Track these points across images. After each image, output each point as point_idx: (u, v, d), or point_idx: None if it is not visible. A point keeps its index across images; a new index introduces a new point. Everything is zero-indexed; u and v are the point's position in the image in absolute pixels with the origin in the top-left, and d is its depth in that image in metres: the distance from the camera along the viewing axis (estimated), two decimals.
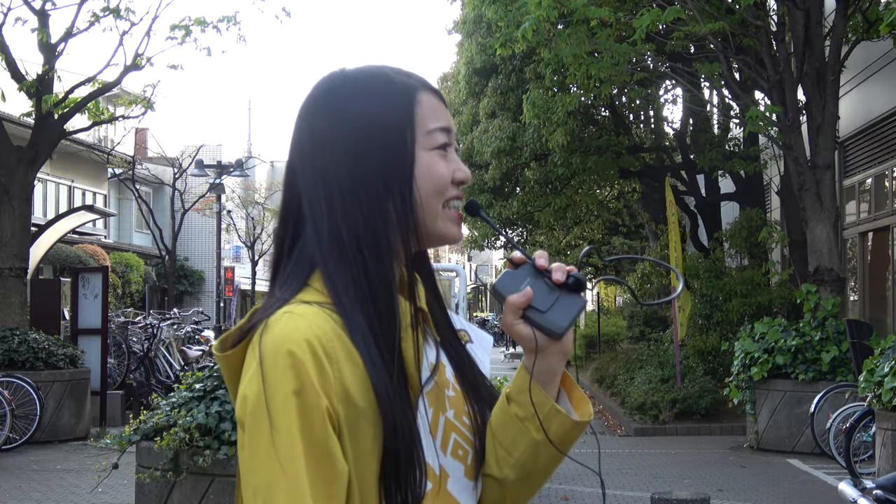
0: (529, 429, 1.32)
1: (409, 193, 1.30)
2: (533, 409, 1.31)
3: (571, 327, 1.30)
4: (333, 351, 1.20)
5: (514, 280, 1.30)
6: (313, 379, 1.17)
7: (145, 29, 13.37)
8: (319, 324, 1.21)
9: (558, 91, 15.50)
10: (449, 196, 1.33)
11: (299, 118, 1.36)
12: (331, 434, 1.17)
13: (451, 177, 1.34)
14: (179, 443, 5.19)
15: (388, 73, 1.36)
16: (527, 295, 1.28)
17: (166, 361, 15.84)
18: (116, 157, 25.45)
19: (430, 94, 1.36)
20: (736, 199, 18.44)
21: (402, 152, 1.31)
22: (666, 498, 5.69)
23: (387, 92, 1.33)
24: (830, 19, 12.31)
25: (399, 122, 1.32)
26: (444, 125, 1.35)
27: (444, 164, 1.34)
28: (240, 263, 38.40)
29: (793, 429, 11.40)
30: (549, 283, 1.29)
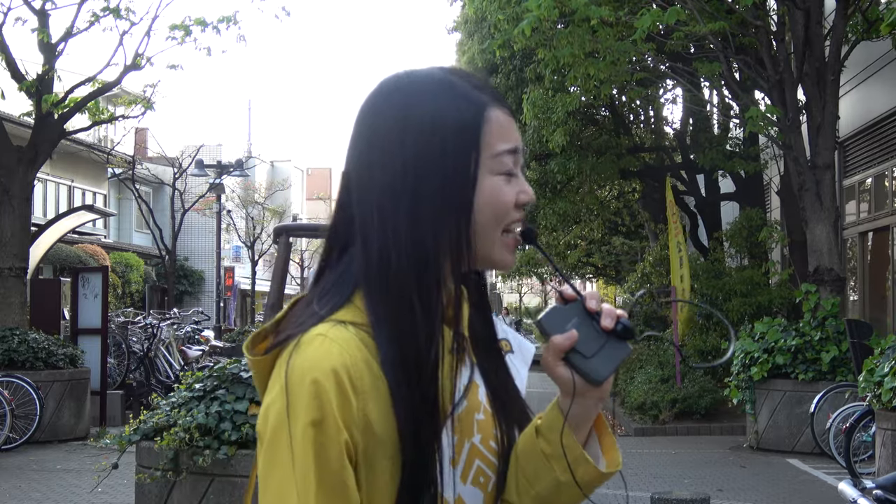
0: (555, 468, 1.26)
1: (468, 220, 1.23)
2: (561, 451, 1.25)
3: (613, 375, 1.25)
4: (361, 382, 1.17)
5: (561, 318, 1.24)
6: (335, 411, 1.15)
7: (145, 29, 13.39)
8: (350, 352, 1.18)
9: (558, 91, 15.51)
10: (509, 221, 1.27)
11: (360, 118, 1.28)
12: (346, 466, 1.16)
13: (514, 201, 1.27)
14: (179, 443, 5.19)
15: (458, 84, 1.27)
16: (571, 338, 1.21)
17: (166, 361, 15.84)
18: (116, 157, 25.45)
19: (500, 110, 1.27)
20: (736, 199, 18.44)
21: (464, 175, 1.23)
22: (666, 498, 5.69)
23: (455, 106, 1.25)
24: (830, 19, 12.31)
25: (464, 142, 1.23)
26: (512, 146, 1.27)
27: (508, 188, 1.26)
28: (240, 263, 38.40)
29: (793, 429, 11.40)
30: (596, 327, 1.23)
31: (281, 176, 41.46)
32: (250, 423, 5.16)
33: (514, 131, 1.29)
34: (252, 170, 35.14)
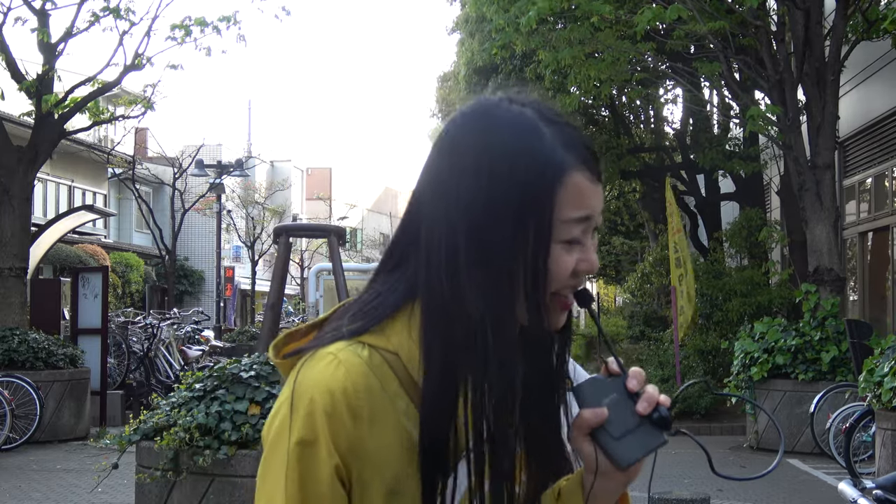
0: None
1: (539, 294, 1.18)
2: None
3: (641, 461, 1.18)
4: (359, 407, 1.16)
5: (598, 390, 1.19)
6: (327, 434, 1.15)
7: (145, 29, 13.39)
8: (355, 377, 1.17)
9: (558, 91, 15.51)
10: (562, 287, 1.20)
11: (443, 136, 1.23)
12: (336, 488, 1.16)
13: (572, 270, 1.19)
14: (179, 443, 5.19)
15: (546, 136, 1.19)
16: (600, 416, 1.16)
17: (166, 361, 15.85)
18: (116, 157, 25.45)
19: (582, 174, 1.19)
20: (736, 199, 18.45)
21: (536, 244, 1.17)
22: (666, 498, 5.68)
23: (535, 162, 1.17)
24: (830, 19, 12.31)
25: (538, 207, 1.17)
26: (584, 214, 1.19)
27: (568, 257, 1.18)
28: (240, 263, 38.40)
29: (793, 429, 11.40)
30: (632, 409, 1.17)
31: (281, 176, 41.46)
32: (250, 423, 5.16)
33: (590, 198, 1.20)
34: (252, 170, 35.14)
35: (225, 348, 18.83)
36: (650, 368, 15.22)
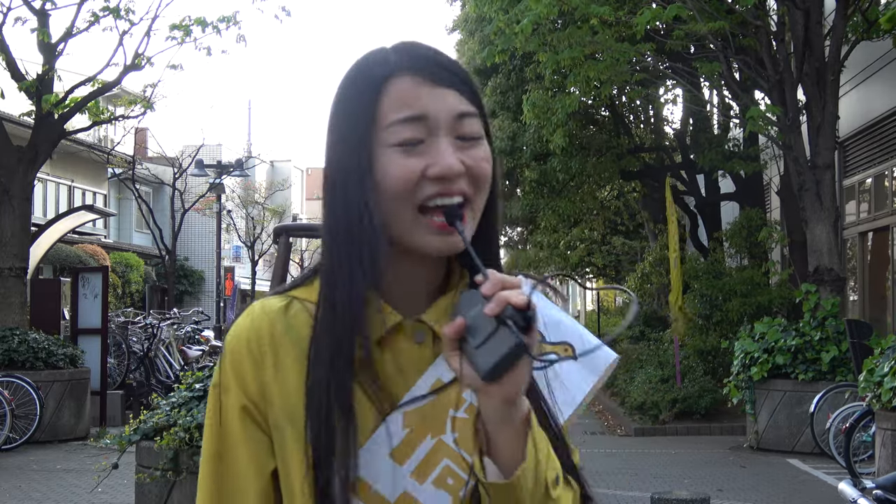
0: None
1: (368, 200, 1.19)
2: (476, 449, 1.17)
3: (504, 372, 1.08)
4: (261, 351, 1.22)
5: (468, 303, 1.12)
6: (231, 376, 1.24)
7: (145, 29, 13.39)
8: (260, 323, 1.23)
9: (558, 92, 15.51)
10: (422, 197, 1.17)
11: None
12: (248, 427, 1.23)
13: (417, 174, 1.17)
14: (179, 443, 5.19)
15: (365, 62, 1.24)
16: (456, 327, 1.10)
17: (166, 361, 15.85)
18: (116, 157, 25.45)
19: (406, 77, 1.20)
20: (736, 199, 18.44)
21: (358, 155, 1.19)
22: (666, 498, 5.68)
23: (354, 85, 1.22)
24: (830, 19, 12.31)
25: (357, 121, 1.20)
26: (409, 115, 1.18)
27: (406, 161, 1.17)
28: (240, 263, 38.39)
29: (793, 429, 11.40)
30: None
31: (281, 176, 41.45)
32: None
33: (419, 98, 1.19)
34: (252, 170, 35.13)
35: None
36: (650, 368, 15.22)
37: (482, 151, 1.22)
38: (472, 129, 1.21)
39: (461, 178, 1.19)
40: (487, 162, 1.22)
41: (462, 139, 1.20)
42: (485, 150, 1.22)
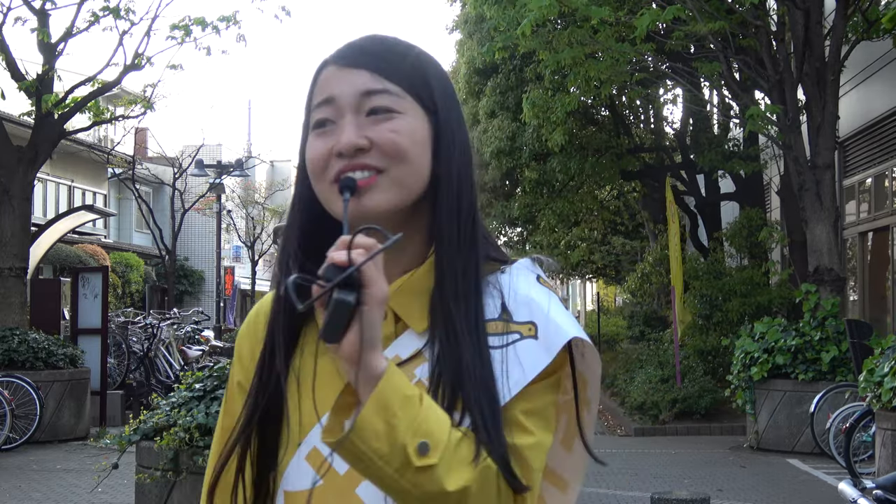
0: None
1: (304, 180, 1.31)
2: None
3: (338, 331, 1.09)
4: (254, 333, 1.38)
5: (328, 271, 1.12)
6: (235, 354, 1.41)
7: (145, 29, 13.38)
8: (258, 308, 1.40)
9: (558, 91, 15.51)
10: (333, 173, 1.24)
11: None
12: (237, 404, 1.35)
13: (326, 153, 1.25)
14: (179, 443, 5.19)
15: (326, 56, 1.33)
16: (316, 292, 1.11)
17: (166, 361, 15.85)
18: (116, 157, 25.45)
19: (330, 66, 1.29)
20: (736, 199, 18.44)
21: (301, 146, 1.31)
22: (666, 498, 5.68)
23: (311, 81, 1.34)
24: (830, 19, 12.31)
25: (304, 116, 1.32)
26: (321, 98, 1.27)
27: (319, 141, 1.26)
28: (240, 263, 38.38)
29: (793, 429, 11.40)
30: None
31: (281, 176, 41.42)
32: None
33: (332, 82, 1.27)
34: (252, 170, 35.11)
35: (225, 348, 18.82)
36: (650, 368, 15.22)
37: (393, 124, 1.25)
38: (381, 104, 1.26)
39: (365, 152, 1.24)
40: (396, 133, 1.25)
41: (373, 114, 1.25)
42: (397, 122, 1.25)
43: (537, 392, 1.24)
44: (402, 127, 1.25)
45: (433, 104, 1.29)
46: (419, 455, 1.11)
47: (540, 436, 1.23)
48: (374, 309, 1.10)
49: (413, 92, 1.28)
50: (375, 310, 1.10)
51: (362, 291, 1.09)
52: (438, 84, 1.31)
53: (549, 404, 1.25)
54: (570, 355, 1.29)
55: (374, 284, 1.10)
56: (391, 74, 1.27)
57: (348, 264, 1.09)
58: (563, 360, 1.27)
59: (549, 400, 1.25)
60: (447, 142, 1.29)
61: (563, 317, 1.26)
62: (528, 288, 1.28)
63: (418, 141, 1.26)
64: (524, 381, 1.22)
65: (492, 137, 18.03)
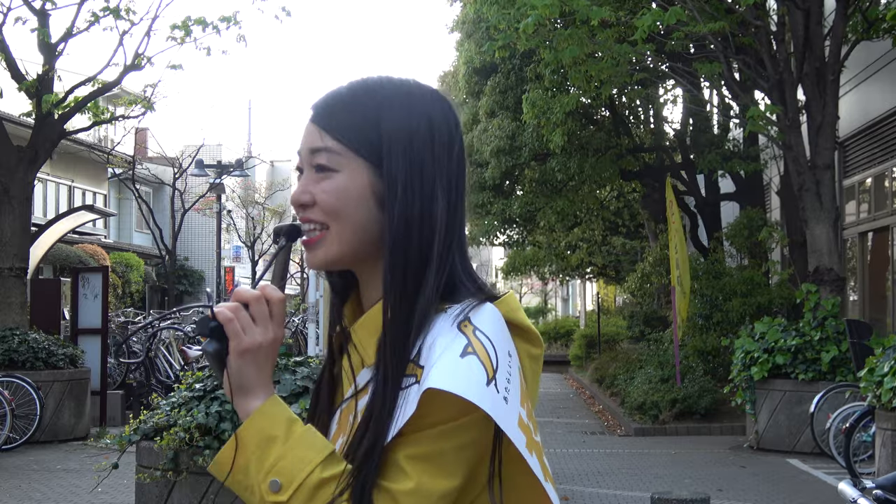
0: None
1: None
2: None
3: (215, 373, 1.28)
4: None
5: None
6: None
7: (145, 29, 13.37)
8: None
9: (558, 91, 15.50)
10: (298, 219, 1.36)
11: None
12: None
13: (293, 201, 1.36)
14: (179, 443, 5.19)
15: None
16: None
17: (166, 361, 15.85)
18: (116, 157, 25.46)
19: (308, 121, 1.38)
20: (736, 199, 18.44)
21: None
22: (666, 498, 5.68)
23: None
24: (830, 19, 12.31)
25: None
26: (297, 149, 1.37)
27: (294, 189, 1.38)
28: (240, 263, 38.39)
29: (793, 429, 11.40)
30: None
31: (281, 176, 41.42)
32: None
33: (302, 135, 1.36)
34: (252, 170, 35.13)
35: None
36: (650, 368, 15.22)
37: (329, 184, 1.31)
38: (322, 162, 1.32)
39: (309, 208, 1.33)
40: (326, 193, 1.31)
41: (317, 171, 1.33)
42: (330, 182, 1.31)
43: (426, 438, 1.21)
44: (333, 187, 1.31)
45: (377, 158, 1.31)
46: (270, 492, 1.22)
47: (421, 481, 1.20)
48: (235, 358, 1.24)
49: (354, 147, 1.31)
50: (236, 359, 1.24)
51: (226, 343, 1.24)
52: (394, 136, 1.31)
53: (444, 451, 1.21)
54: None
55: (235, 337, 1.24)
56: (335, 130, 1.32)
57: (213, 318, 1.24)
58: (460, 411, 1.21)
59: (444, 447, 1.21)
60: (392, 194, 1.30)
61: (444, 364, 1.21)
62: (440, 331, 1.25)
63: (353, 197, 1.31)
64: (399, 425, 1.21)
65: (491, 136, 18.02)
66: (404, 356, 1.25)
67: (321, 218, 1.32)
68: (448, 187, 1.33)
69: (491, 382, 1.20)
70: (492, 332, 1.25)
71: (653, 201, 20.39)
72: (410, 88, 1.35)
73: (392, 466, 1.21)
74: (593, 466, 10.46)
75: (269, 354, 1.26)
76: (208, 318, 1.23)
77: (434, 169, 1.32)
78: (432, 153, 1.32)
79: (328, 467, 1.21)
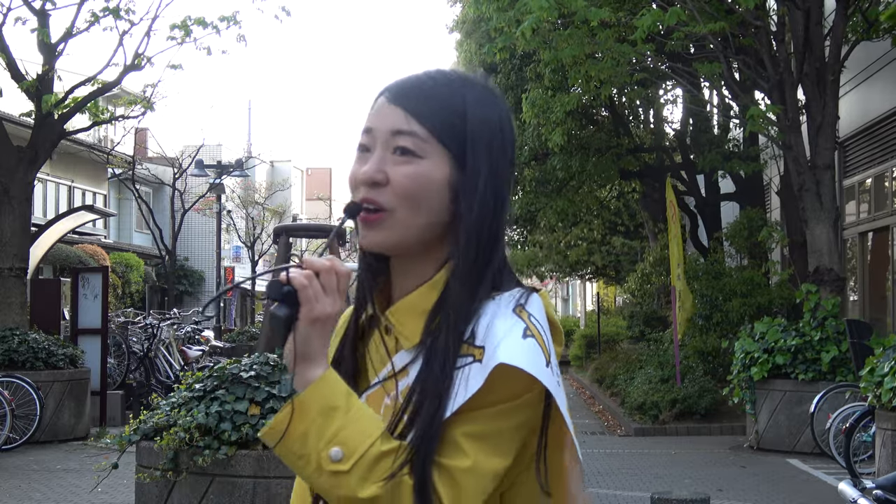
0: None
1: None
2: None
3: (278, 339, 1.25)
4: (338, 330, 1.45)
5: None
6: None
7: (145, 29, 13.37)
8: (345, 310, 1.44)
9: (558, 90, 15.49)
10: (359, 196, 1.34)
11: None
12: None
13: (354, 177, 1.35)
14: (179, 443, 5.19)
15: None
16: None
17: (166, 361, 15.85)
18: (116, 157, 25.44)
19: (382, 97, 1.38)
20: (736, 199, 18.44)
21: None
22: (666, 498, 5.68)
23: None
24: (830, 19, 12.31)
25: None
26: (366, 125, 1.37)
27: (355, 165, 1.36)
28: (240, 263, 38.37)
29: (793, 429, 11.40)
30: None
31: (281, 176, 41.43)
32: (250, 424, 5.16)
33: (374, 113, 1.37)
34: (252, 170, 35.11)
35: (225, 348, 18.83)
36: (650, 368, 15.22)
37: (411, 168, 1.32)
38: (405, 145, 1.33)
39: (381, 187, 1.32)
40: (409, 178, 1.32)
41: (399, 153, 1.33)
42: (414, 167, 1.32)
43: (484, 417, 1.26)
44: (418, 172, 1.33)
45: (461, 152, 1.34)
46: (331, 461, 1.22)
47: (478, 460, 1.24)
48: (305, 325, 1.23)
49: (441, 137, 1.33)
50: (307, 326, 1.23)
51: (297, 309, 1.23)
52: (477, 131, 1.35)
53: (501, 430, 1.26)
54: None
55: (307, 303, 1.24)
56: (424, 117, 1.34)
57: (286, 282, 1.22)
58: (524, 388, 1.27)
59: (502, 426, 1.26)
60: (469, 190, 1.34)
61: (510, 343, 1.27)
62: (496, 315, 1.31)
63: (433, 187, 1.33)
64: (460, 402, 1.25)
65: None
66: (461, 337, 1.30)
67: (391, 200, 1.32)
68: (509, 184, 1.40)
69: (548, 365, 1.28)
70: (542, 321, 1.32)
71: (653, 201, 20.40)
72: (486, 85, 1.41)
73: (449, 443, 1.25)
74: (593, 466, 10.46)
75: (333, 326, 1.28)
76: (280, 283, 1.23)
77: (505, 165, 1.38)
78: (503, 150, 1.39)
79: (386, 441, 1.24)
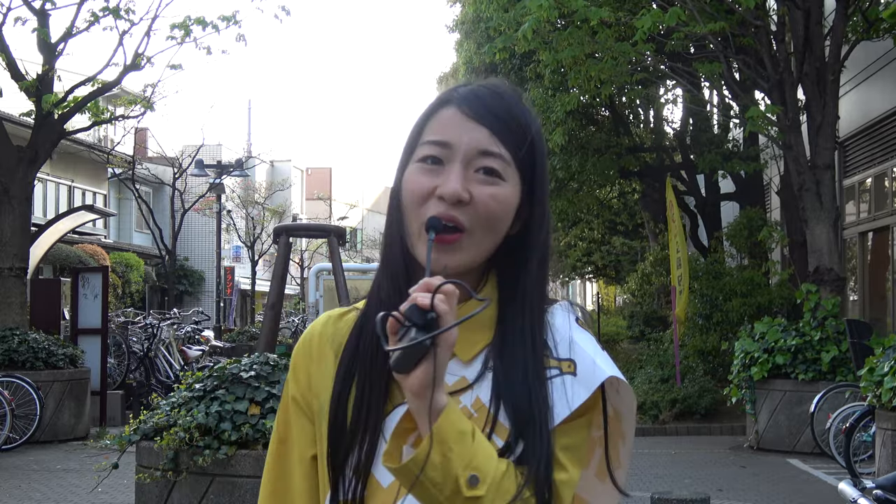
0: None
1: (398, 206, 1.35)
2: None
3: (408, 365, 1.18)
4: (312, 349, 1.40)
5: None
6: (291, 371, 1.43)
7: (145, 29, 13.38)
8: (315, 328, 1.42)
9: (558, 90, 15.49)
10: (431, 211, 1.29)
11: None
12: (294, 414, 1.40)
13: (427, 190, 1.31)
14: (179, 443, 5.19)
15: (444, 92, 1.40)
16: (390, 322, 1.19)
17: (166, 361, 15.85)
18: (116, 157, 25.45)
19: (454, 108, 1.34)
20: (736, 199, 18.45)
21: (401, 171, 1.36)
22: (666, 498, 5.68)
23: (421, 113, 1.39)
24: (830, 19, 12.31)
25: (409, 142, 1.37)
26: (438, 138, 1.32)
27: (423, 177, 1.31)
28: (240, 263, 38.36)
29: (793, 429, 11.40)
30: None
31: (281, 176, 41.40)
32: (250, 423, 5.17)
33: (451, 127, 1.33)
34: (252, 170, 35.10)
35: (225, 348, 18.83)
36: (650, 368, 15.22)
37: (495, 189, 1.32)
38: (492, 166, 1.32)
39: (463, 206, 1.30)
40: (495, 200, 1.31)
41: (483, 173, 1.32)
42: (499, 189, 1.32)
43: (575, 429, 1.32)
44: (502, 195, 1.32)
45: (532, 179, 1.36)
46: (469, 486, 1.21)
47: (573, 472, 1.31)
48: (445, 351, 1.19)
49: (519, 163, 1.34)
50: (446, 352, 1.20)
51: (437, 335, 1.18)
52: (541, 160, 1.38)
53: (583, 440, 1.34)
54: (603, 393, 1.36)
55: (443, 328, 1.19)
56: (507, 140, 1.33)
57: (430, 308, 1.17)
58: (597, 398, 1.35)
59: (584, 436, 1.34)
60: (541, 213, 1.38)
61: (601, 357, 1.35)
62: (567, 328, 1.37)
63: (509, 211, 1.34)
64: (563, 415, 1.30)
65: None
66: (540, 350, 1.34)
67: (471, 221, 1.31)
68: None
69: None
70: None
71: (653, 201, 20.40)
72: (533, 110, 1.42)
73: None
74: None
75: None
76: (421, 309, 1.18)
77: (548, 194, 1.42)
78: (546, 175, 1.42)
79: (502, 461, 1.25)
